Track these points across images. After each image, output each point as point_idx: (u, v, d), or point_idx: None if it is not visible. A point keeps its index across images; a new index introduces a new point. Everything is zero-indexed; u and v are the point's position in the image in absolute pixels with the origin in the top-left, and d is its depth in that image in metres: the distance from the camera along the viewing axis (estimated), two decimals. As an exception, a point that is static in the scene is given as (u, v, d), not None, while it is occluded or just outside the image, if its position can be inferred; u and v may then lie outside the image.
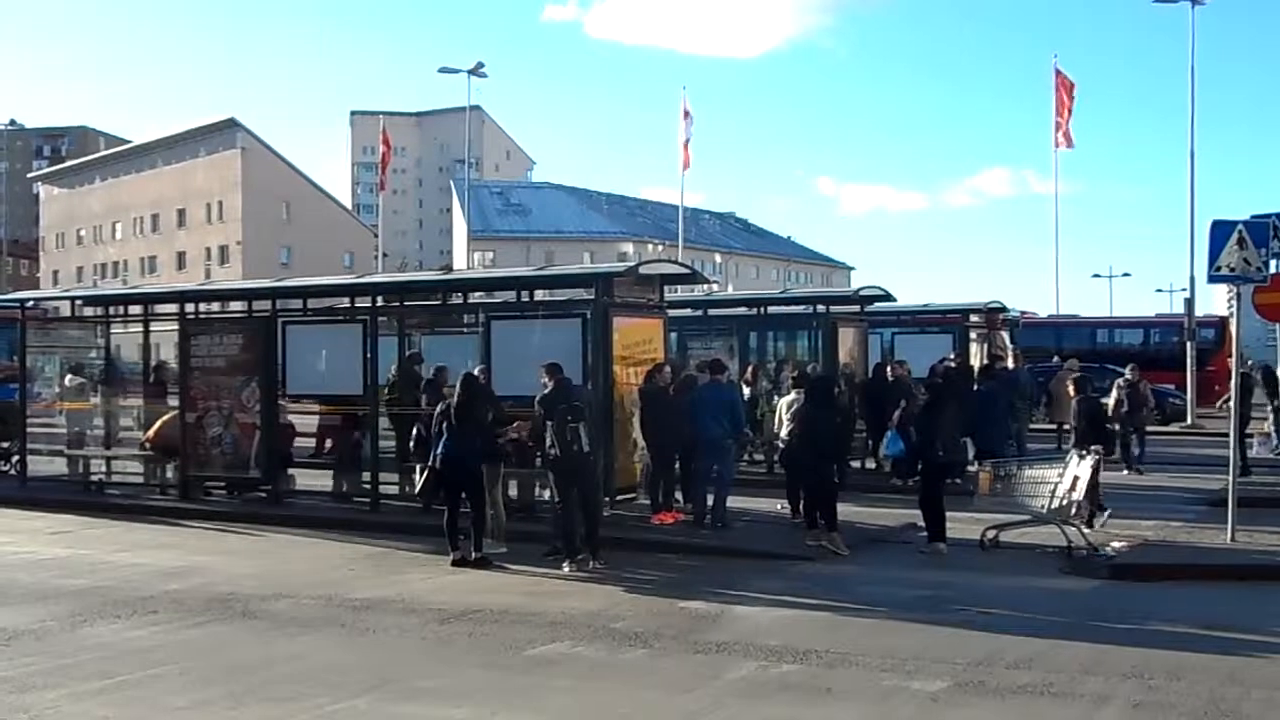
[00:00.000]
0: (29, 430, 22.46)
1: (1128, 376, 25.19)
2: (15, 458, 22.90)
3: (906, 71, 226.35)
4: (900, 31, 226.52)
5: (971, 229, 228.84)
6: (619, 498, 17.34)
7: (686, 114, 52.77)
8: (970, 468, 17.50)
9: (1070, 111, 48.75)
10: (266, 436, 19.15)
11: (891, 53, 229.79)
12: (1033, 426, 27.57)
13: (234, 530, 17.74)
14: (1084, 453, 15.51)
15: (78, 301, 23.70)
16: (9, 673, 9.71)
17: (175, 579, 13.75)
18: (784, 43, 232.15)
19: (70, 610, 12.03)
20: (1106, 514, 16.54)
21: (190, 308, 20.99)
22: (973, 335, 26.97)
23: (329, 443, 20.29)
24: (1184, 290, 41.66)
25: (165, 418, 20.53)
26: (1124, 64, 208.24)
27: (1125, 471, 23.16)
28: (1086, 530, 15.27)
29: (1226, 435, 17.61)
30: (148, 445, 21.01)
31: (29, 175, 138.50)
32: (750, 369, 21.97)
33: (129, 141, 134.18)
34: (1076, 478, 14.93)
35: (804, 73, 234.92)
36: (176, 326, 20.54)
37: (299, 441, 20.45)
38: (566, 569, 14.02)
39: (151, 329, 21.90)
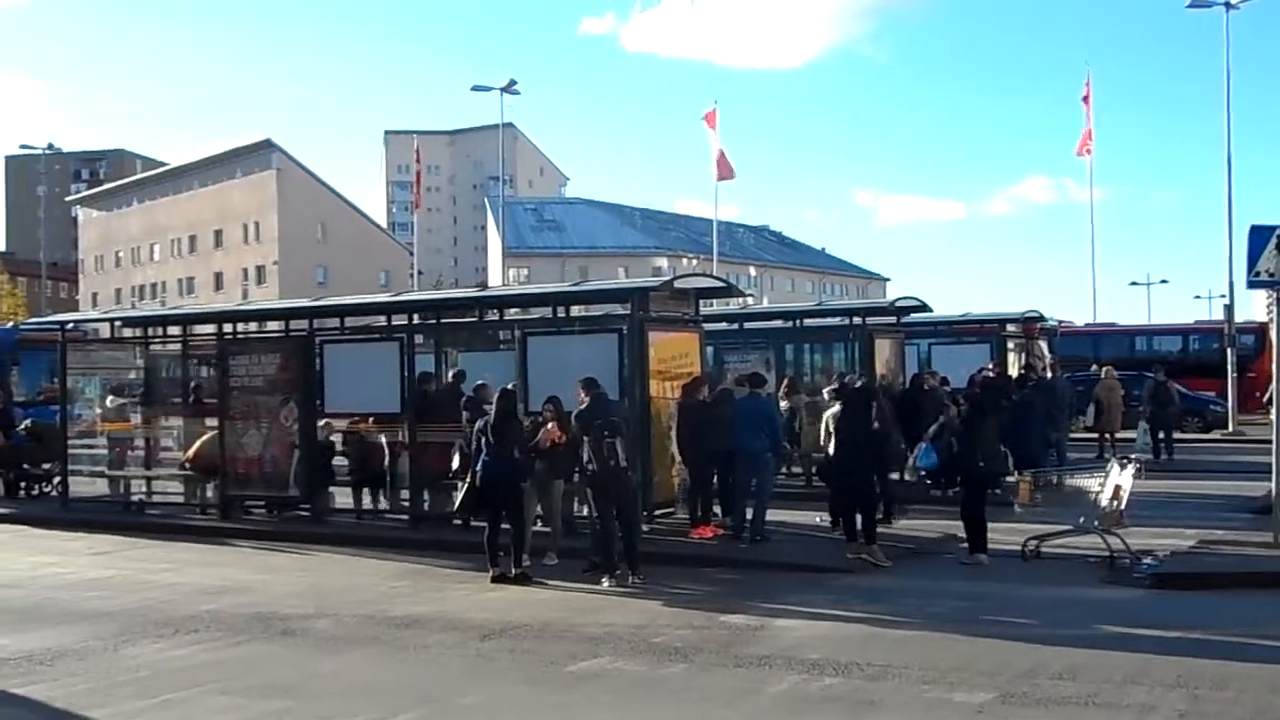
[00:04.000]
0: (70, 452, 22.58)
1: (1155, 377, 29.02)
2: (56, 479, 23.05)
3: (946, 79, 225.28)
4: (940, 38, 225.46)
5: (1010, 238, 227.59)
6: (657, 512, 17.34)
7: (714, 125, 52.64)
8: (1010, 478, 17.40)
9: (1090, 116, 48.57)
10: (305, 455, 19.21)
11: (931, 60, 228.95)
12: (1072, 436, 27.42)
13: (274, 549, 17.81)
14: (1124, 461, 15.40)
15: (117, 323, 23.85)
16: (54, 692, 9.75)
17: (216, 598, 13.81)
18: (823, 52, 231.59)
19: (113, 630, 12.09)
20: None
21: (228, 328, 21.13)
22: (1010, 345, 26.83)
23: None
24: (1223, 296, 41.29)
25: (205, 438, 20.63)
26: (1162, 69, 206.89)
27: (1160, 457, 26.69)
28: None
29: (1269, 441, 17.44)
30: (187, 465, 21.13)
31: (67, 199, 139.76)
32: (787, 382, 21.89)
33: (166, 164, 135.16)
34: (1118, 487, 14.81)
35: (843, 82, 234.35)
36: (215, 347, 20.69)
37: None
38: (606, 584, 14.01)
39: (190, 349, 22.06)
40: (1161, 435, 28.53)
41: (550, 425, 14.77)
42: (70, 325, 24.46)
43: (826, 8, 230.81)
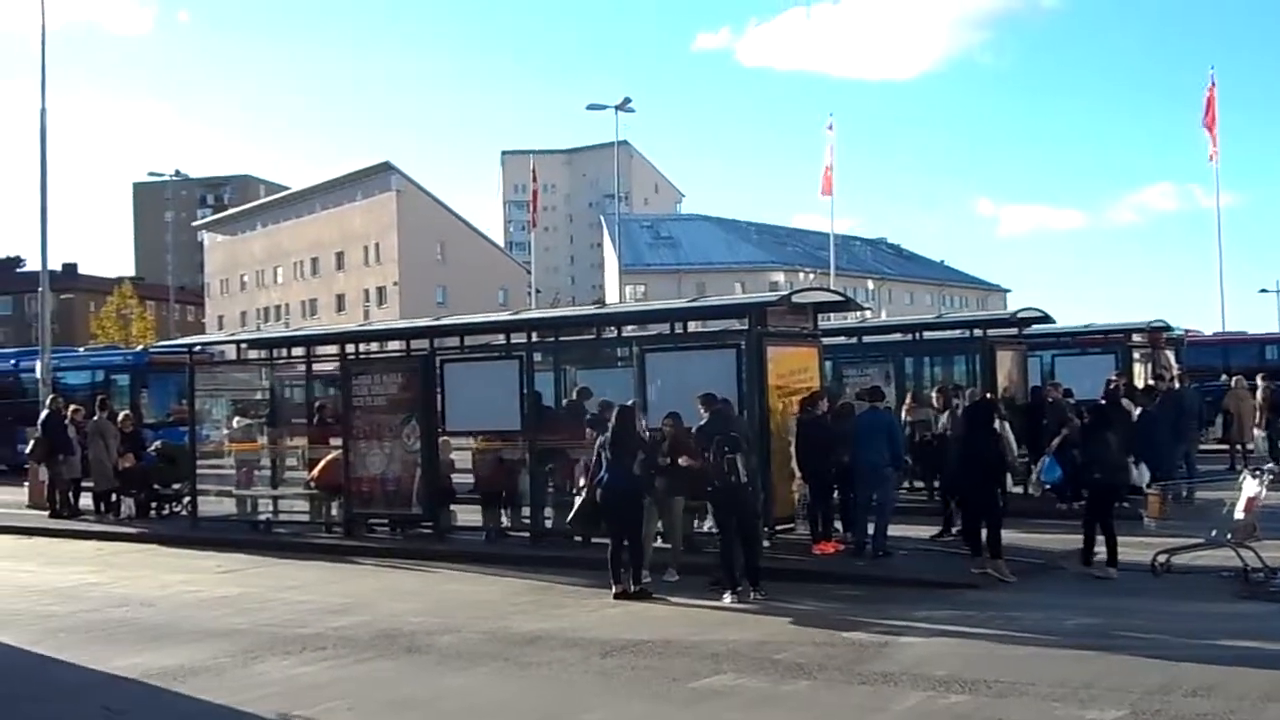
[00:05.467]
0: (199, 472, 23.01)
1: (1268, 384, 28.80)
2: (186, 499, 23.50)
3: (1067, 86, 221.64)
4: (1060, 45, 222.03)
5: (1135, 246, 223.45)
6: (778, 528, 17.26)
7: (831, 140, 52.51)
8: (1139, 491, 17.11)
9: (1214, 121, 47.55)
10: (428, 473, 19.40)
11: (1051, 68, 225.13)
12: (1202, 447, 26.91)
13: (398, 566, 18.01)
14: (1258, 472, 15.04)
15: (242, 345, 24.27)
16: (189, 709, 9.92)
17: (342, 615, 13.97)
18: (941, 61, 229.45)
19: (242, 647, 12.28)
20: None
21: (351, 348, 21.41)
22: (1136, 355, 26.37)
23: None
24: (1357, 302, 40.28)
25: (329, 457, 20.90)
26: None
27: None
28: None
29: None
30: (312, 484, 21.42)
31: (194, 224, 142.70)
32: (910, 397, 21.71)
33: (288, 188, 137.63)
34: (1251, 498, 14.46)
35: (962, 91, 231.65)
36: (338, 367, 21.02)
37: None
38: (727, 600, 13.96)
39: (314, 370, 22.41)
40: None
41: (684, 459, 14.78)
42: (197, 348, 24.95)
43: (944, 17, 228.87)
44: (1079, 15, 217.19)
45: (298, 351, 23.20)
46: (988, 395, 18.56)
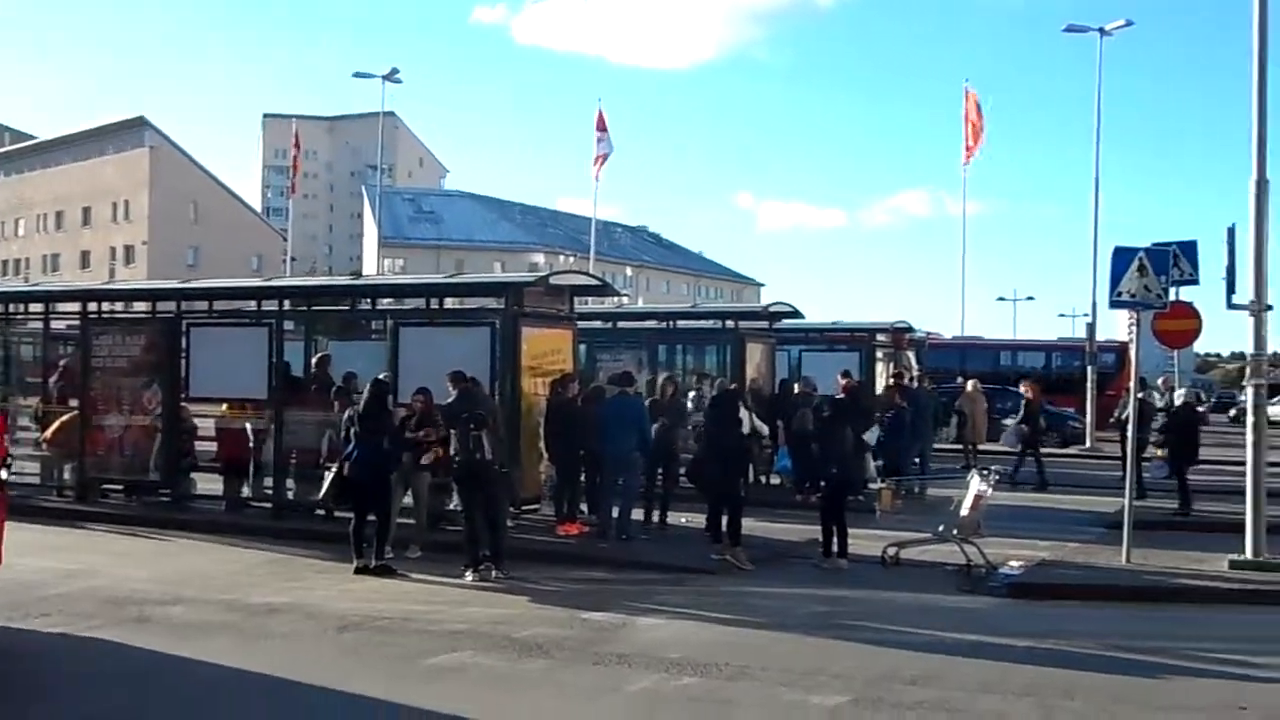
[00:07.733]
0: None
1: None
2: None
3: (836, 88, 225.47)
4: (833, 47, 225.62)
5: (888, 248, 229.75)
6: (524, 508, 17.33)
7: (601, 126, 52.57)
8: (873, 485, 17.67)
9: (979, 131, 49.18)
10: (168, 439, 18.91)
11: (824, 67, 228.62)
12: (936, 446, 27.90)
13: (132, 534, 17.50)
14: (984, 472, 15.68)
15: (-25, 298, 23.25)
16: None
17: (68, 581, 13.51)
18: (717, 54, 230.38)
19: (-41, 612, 11.79)
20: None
21: (93, 307, 20.70)
22: (879, 354, 27.19)
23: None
24: (1086, 315, 42.39)
25: (64, 418, 20.20)
26: (1041, 89, 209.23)
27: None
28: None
29: (1123, 458, 17.87)
30: (45, 445, 20.66)
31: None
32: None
33: (34, 137, 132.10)
34: (978, 496, 15.09)
35: (733, 85, 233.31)
36: (78, 326, 20.31)
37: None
38: (469, 578, 13.96)
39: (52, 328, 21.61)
40: None
41: (437, 450, 14.82)
42: (-73, 299, 23.77)
43: (721, 10, 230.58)
44: (853, 18, 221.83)
45: (36, 308, 22.34)
46: (733, 385, 18.93)
